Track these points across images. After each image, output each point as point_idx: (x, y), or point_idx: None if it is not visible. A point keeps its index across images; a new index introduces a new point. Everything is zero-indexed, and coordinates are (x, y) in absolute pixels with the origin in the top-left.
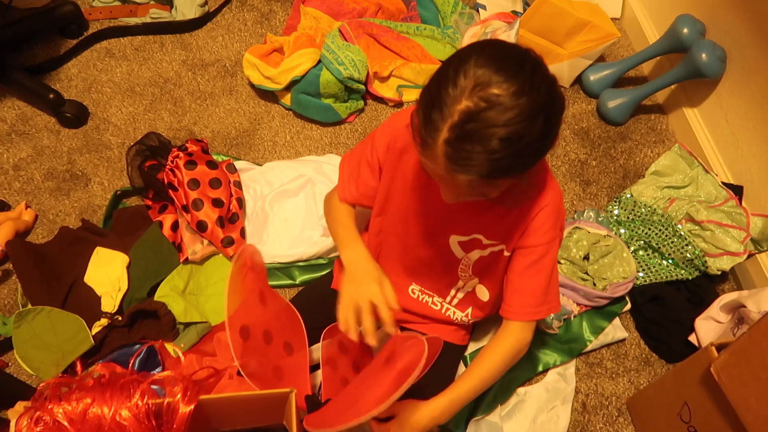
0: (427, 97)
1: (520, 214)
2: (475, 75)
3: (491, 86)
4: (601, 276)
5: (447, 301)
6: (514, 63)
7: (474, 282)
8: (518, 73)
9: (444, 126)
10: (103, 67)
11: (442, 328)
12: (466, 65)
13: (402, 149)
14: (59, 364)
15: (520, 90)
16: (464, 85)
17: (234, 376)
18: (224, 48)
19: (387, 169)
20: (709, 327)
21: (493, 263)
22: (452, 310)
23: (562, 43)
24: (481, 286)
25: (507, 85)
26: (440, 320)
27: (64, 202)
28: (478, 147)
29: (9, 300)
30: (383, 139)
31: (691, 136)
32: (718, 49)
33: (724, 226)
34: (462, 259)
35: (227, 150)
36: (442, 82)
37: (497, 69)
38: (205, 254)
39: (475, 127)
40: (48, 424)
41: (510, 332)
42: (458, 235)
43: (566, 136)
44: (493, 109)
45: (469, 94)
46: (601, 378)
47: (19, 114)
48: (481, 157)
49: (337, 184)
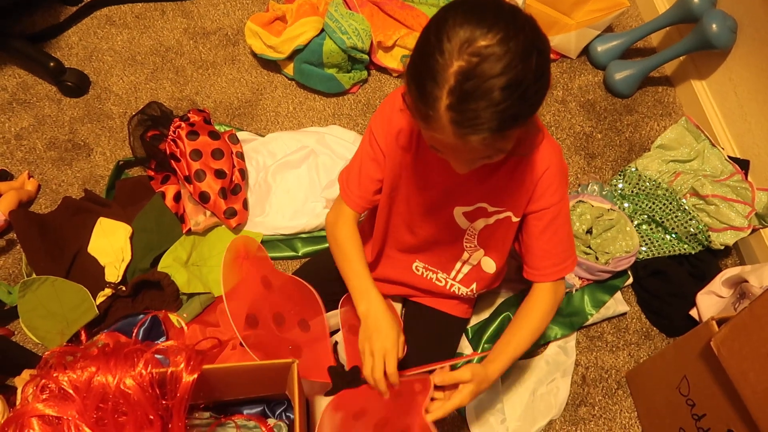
0: (416, 71)
1: (523, 177)
2: (457, 35)
3: (477, 40)
4: (604, 250)
5: (452, 277)
6: (492, 11)
7: (479, 254)
8: (499, 19)
9: (442, 93)
10: (103, 35)
11: (445, 302)
12: (446, 28)
13: (398, 133)
14: (64, 333)
15: (507, 35)
16: (450, 47)
17: (237, 347)
18: (226, 16)
19: (390, 155)
20: (710, 301)
21: (498, 231)
22: (457, 285)
23: (570, 12)
24: (486, 258)
25: (492, 34)
26: (444, 295)
27: (67, 172)
28: (482, 103)
29: (14, 269)
30: (380, 128)
31: (699, 109)
32: (729, 19)
33: (729, 201)
34: (467, 230)
35: (229, 120)
36: (426, 51)
37: (478, 22)
38: (208, 225)
39: (473, 85)
40: (53, 391)
41: (543, 294)
42: (462, 206)
43: (572, 109)
44: (486, 61)
45: (458, 55)
46: (601, 351)
47: (20, 82)
48: (487, 112)
49: (341, 194)
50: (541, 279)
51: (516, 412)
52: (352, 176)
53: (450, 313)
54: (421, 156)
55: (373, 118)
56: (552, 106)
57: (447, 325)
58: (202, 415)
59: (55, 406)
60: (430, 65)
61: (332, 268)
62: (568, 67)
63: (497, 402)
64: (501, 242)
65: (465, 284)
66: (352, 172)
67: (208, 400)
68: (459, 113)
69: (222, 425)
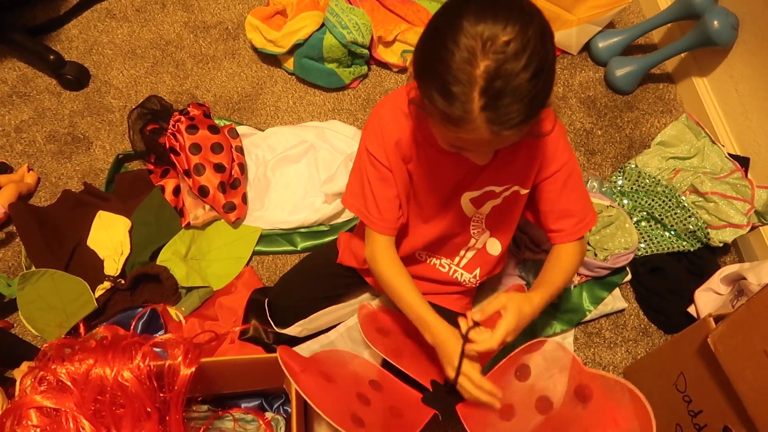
0: (435, 76)
1: (529, 148)
2: (476, 34)
3: (498, 36)
4: (603, 246)
5: (455, 263)
6: (502, 2)
7: (485, 236)
8: (512, 9)
9: (473, 95)
10: (104, 28)
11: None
12: (462, 29)
13: (395, 144)
14: (63, 326)
15: (524, 24)
16: (472, 47)
17: (235, 341)
18: (226, 10)
19: (395, 168)
20: (708, 298)
21: (507, 208)
22: (460, 272)
23: (571, 8)
24: (492, 240)
25: (510, 27)
26: (446, 282)
27: (66, 165)
28: (514, 98)
29: (13, 262)
30: (376, 145)
31: (700, 106)
32: (731, 16)
33: (728, 198)
34: (473, 217)
35: (229, 114)
36: (444, 56)
37: (493, 17)
38: (207, 219)
39: (504, 83)
40: (51, 383)
41: (569, 253)
42: (471, 191)
43: (572, 105)
44: (510, 57)
45: (482, 55)
46: (599, 347)
47: (20, 75)
48: (520, 105)
49: (367, 225)
50: (566, 239)
51: None
52: (369, 205)
53: (450, 308)
54: (424, 159)
55: (363, 140)
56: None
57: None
58: (200, 408)
59: (53, 398)
60: (453, 69)
61: (331, 264)
62: (569, 63)
63: None
64: (509, 219)
65: (468, 269)
66: (368, 199)
67: (206, 394)
68: (494, 111)
69: (219, 418)
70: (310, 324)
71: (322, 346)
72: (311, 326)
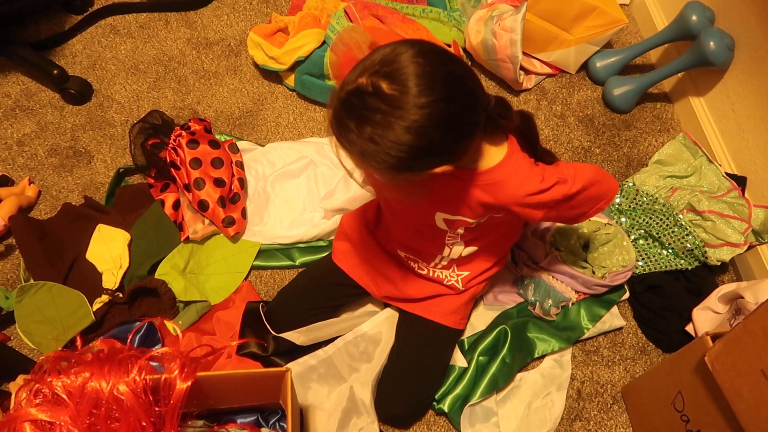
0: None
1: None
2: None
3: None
4: (601, 264)
5: (432, 266)
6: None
7: (460, 248)
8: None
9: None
10: (107, 43)
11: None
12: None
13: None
14: (60, 339)
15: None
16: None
17: (232, 355)
18: (229, 27)
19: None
20: (706, 317)
21: (481, 228)
22: (438, 271)
23: (569, 28)
24: (469, 248)
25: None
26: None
27: (67, 178)
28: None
29: (12, 274)
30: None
31: (697, 126)
32: (727, 37)
33: (726, 217)
34: (448, 231)
35: (230, 130)
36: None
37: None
38: (206, 234)
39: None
40: (47, 396)
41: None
42: (444, 213)
43: (570, 123)
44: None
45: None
46: (597, 365)
47: (24, 89)
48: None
49: None
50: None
51: (511, 425)
52: None
53: (442, 323)
54: None
55: None
56: (551, 120)
57: (440, 335)
58: (195, 422)
59: (48, 411)
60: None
61: (330, 275)
62: (567, 83)
63: (492, 415)
64: (488, 234)
65: (446, 268)
66: None
67: (202, 408)
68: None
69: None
70: (309, 333)
71: (320, 361)
72: (310, 335)
